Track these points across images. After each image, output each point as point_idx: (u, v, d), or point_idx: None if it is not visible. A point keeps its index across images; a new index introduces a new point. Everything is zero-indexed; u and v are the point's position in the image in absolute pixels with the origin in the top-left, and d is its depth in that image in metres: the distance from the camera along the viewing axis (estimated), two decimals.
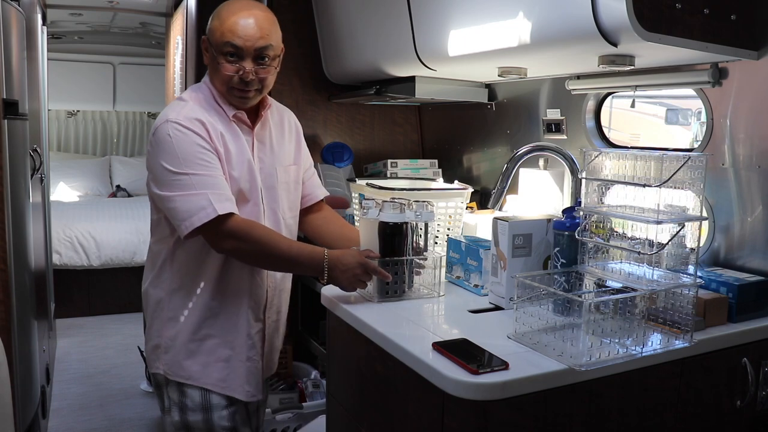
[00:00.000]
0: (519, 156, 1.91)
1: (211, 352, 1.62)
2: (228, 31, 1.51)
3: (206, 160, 1.49)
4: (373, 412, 1.48)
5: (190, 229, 1.46)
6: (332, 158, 2.74)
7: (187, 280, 1.61)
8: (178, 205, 1.47)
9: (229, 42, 1.51)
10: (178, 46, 3.54)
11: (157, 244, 1.65)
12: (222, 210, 1.46)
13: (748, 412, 1.48)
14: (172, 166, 1.47)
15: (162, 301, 1.64)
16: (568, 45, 1.57)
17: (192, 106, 1.55)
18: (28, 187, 2.42)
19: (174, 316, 1.63)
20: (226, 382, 1.63)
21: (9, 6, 2.07)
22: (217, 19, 1.54)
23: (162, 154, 1.49)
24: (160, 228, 1.64)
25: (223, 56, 1.52)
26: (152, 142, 1.52)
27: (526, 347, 1.29)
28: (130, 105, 6.52)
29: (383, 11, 2.21)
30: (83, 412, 3.24)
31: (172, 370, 1.63)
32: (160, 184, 1.50)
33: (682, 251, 1.37)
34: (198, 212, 1.45)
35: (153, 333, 1.67)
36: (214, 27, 1.54)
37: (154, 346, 1.67)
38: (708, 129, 1.74)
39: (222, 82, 1.55)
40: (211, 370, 1.62)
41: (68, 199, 5.67)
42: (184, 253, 1.61)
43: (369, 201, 1.63)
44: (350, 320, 1.55)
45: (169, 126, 1.49)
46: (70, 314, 4.71)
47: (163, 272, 1.64)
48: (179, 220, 1.48)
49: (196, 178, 1.47)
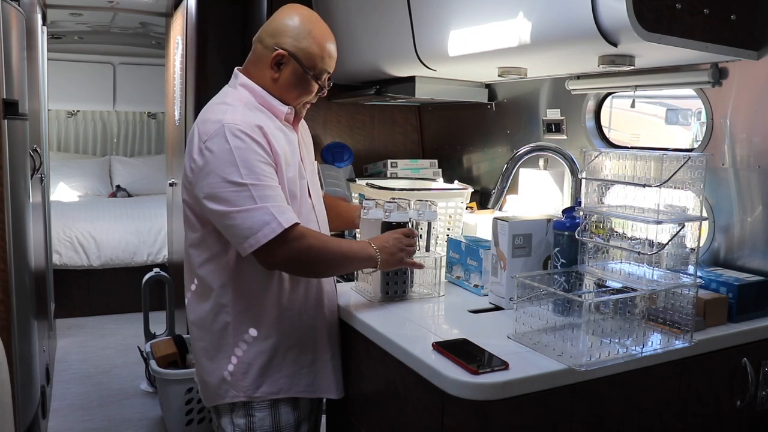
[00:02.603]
0: (519, 156, 1.91)
1: (296, 360, 1.55)
2: (328, 58, 1.54)
3: (266, 171, 1.41)
4: (373, 412, 1.48)
5: (255, 247, 1.37)
6: (332, 158, 2.74)
7: (258, 297, 1.51)
8: (239, 222, 1.37)
9: (327, 69, 1.55)
10: (178, 46, 3.54)
11: (210, 263, 1.51)
12: (287, 223, 1.38)
13: (748, 412, 1.48)
14: (230, 177, 1.37)
15: (230, 326, 1.51)
16: (568, 45, 1.57)
17: (243, 110, 1.47)
18: (28, 187, 2.42)
19: (248, 339, 1.51)
20: (314, 386, 1.57)
21: (9, 6, 2.07)
22: (310, 39, 1.51)
23: (218, 163, 1.39)
24: (205, 246, 1.51)
25: (315, 79, 1.54)
26: (203, 151, 1.41)
27: (526, 347, 1.29)
28: (130, 105, 6.51)
29: (383, 11, 2.21)
30: (83, 412, 3.24)
31: (260, 391, 1.52)
32: (215, 199, 1.39)
33: (682, 251, 1.37)
34: (262, 228, 1.36)
35: (222, 363, 1.53)
36: (311, 50, 1.51)
37: (223, 377, 1.52)
38: (708, 129, 1.74)
39: (298, 96, 1.55)
40: (298, 378, 1.55)
41: (68, 199, 5.67)
42: (250, 269, 1.48)
43: (369, 201, 1.64)
44: (350, 320, 1.55)
45: (227, 133, 1.39)
46: (70, 314, 4.71)
47: (224, 295, 1.51)
48: (242, 238, 1.38)
49: (257, 190, 1.38)
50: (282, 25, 1.52)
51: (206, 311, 1.53)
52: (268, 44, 1.52)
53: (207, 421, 2.81)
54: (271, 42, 1.51)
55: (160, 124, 6.74)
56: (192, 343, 1.61)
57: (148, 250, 4.85)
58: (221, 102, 1.51)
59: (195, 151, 1.43)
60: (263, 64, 1.52)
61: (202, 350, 1.56)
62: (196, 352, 1.59)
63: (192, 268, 1.56)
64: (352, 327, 1.54)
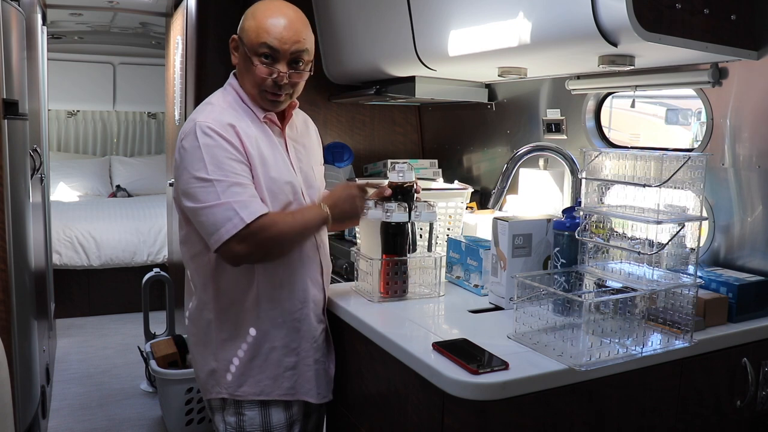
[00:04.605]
0: (519, 156, 1.91)
1: (279, 363, 1.55)
2: (264, 32, 1.45)
3: (234, 168, 1.41)
4: (373, 412, 1.48)
5: (219, 243, 1.38)
6: (332, 158, 2.75)
7: (239, 296, 1.52)
8: (204, 219, 1.40)
9: (264, 42, 1.45)
10: (178, 46, 3.54)
11: (194, 261, 1.55)
12: (249, 217, 1.38)
13: (748, 412, 1.48)
14: (198, 173, 1.39)
15: (212, 323, 1.54)
16: (568, 45, 1.57)
17: (221, 109, 1.48)
18: (28, 187, 2.42)
19: (230, 336, 1.54)
20: (295, 389, 1.57)
21: (9, 6, 2.07)
22: (251, 18, 1.48)
23: (189, 160, 1.41)
24: (190, 243, 1.54)
25: (257, 57, 1.46)
26: (179, 149, 1.44)
27: (526, 347, 1.29)
28: (130, 105, 6.52)
29: (383, 11, 2.21)
30: (83, 412, 3.24)
31: (241, 390, 1.54)
32: (186, 195, 1.42)
33: (682, 251, 1.37)
34: (225, 224, 1.37)
35: (208, 358, 1.56)
36: (248, 26, 1.47)
37: (210, 371, 1.56)
38: (708, 129, 1.74)
39: (253, 84, 1.49)
40: (281, 381, 1.55)
41: (68, 199, 5.67)
42: (229, 266, 1.49)
43: (369, 201, 1.63)
44: (350, 320, 1.55)
45: (197, 129, 1.41)
46: (70, 314, 4.72)
47: (207, 291, 1.54)
48: (208, 235, 1.40)
49: (222, 186, 1.39)
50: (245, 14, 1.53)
51: (194, 307, 1.59)
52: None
53: (207, 421, 2.81)
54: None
55: (160, 124, 6.74)
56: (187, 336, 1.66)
57: (148, 250, 4.86)
58: (207, 102, 1.54)
59: (176, 150, 1.47)
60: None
61: (193, 344, 1.62)
62: (189, 345, 1.65)
63: (185, 265, 1.61)
64: (352, 327, 1.53)
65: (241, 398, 1.55)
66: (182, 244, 1.58)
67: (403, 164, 1.62)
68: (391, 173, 1.62)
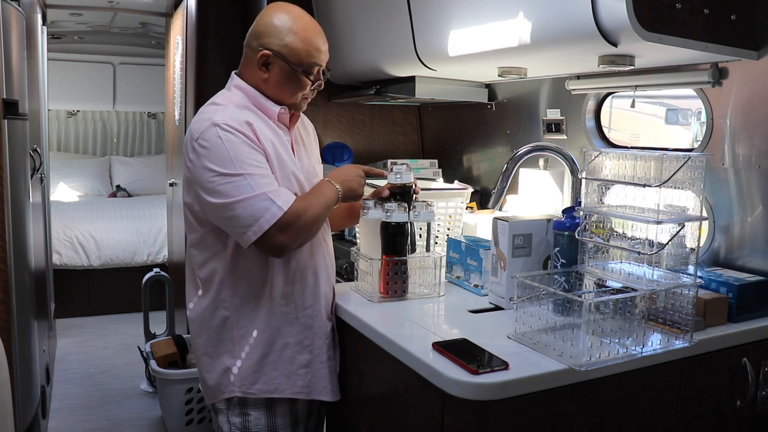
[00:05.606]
0: (519, 156, 1.91)
1: (292, 360, 1.56)
2: (315, 51, 1.53)
3: (258, 160, 1.44)
4: (373, 412, 1.48)
5: (259, 234, 1.39)
6: (332, 158, 2.75)
7: (254, 291, 1.53)
8: (239, 212, 1.40)
9: (316, 62, 1.54)
10: (178, 46, 3.54)
11: (210, 263, 1.55)
12: (285, 205, 1.41)
13: (748, 412, 1.48)
14: (224, 169, 1.41)
15: (229, 320, 1.54)
16: (568, 45, 1.57)
17: (233, 109, 1.50)
18: (28, 187, 2.42)
19: (245, 333, 1.54)
20: (310, 387, 1.58)
21: (9, 6, 2.07)
22: (291, 35, 1.51)
23: (211, 157, 1.42)
24: (206, 245, 1.54)
25: (305, 74, 1.54)
26: (196, 148, 1.44)
27: (526, 347, 1.29)
28: (130, 105, 6.52)
29: (383, 11, 2.21)
30: (83, 412, 3.24)
31: (255, 387, 1.54)
32: (211, 192, 1.42)
33: (682, 251, 1.37)
34: (264, 213, 1.39)
35: (222, 357, 1.55)
36: (294, 45, 1.51)
37: (224, 370, 1.55)
38: (708, 129, 1.74)
39: (292, 93, 1.55)
40: (295, 378, 1.56)
41: (68, 199, 5.67)
42: (247, 263, 1.52)
43: (369, 201, 1.64)
44: (350, 320, 1.55)
45: (217, 129, 1.43)
46: (70, 314, 4.72)
47: (223, 290, 1.54)
48: (245, 227, 1.40)
49: (252, 179, 1.41)
50: (264, 25, 1.53)
51: (205, 308, 1.57)
52: (254, 46, 1.53)
53: (207, 421, 2.81)
54: (256, 44, 1.53)
55: (160, 124, 6.74)
56: (192, 342, 1.63)
57: (148, 250, 4.86)
58: (212, 103, 1.55)
59: (189, 150, 1.47)
60: (253, 66, 1.54)
61: (201, 347, 1.59)
62: (196, 350, 1.61)
63: (192, 267, 1.59)
64: (352, 327, 1.54)
65: (255, 395, 1.55)
66: (194, 247, 1.57)
67: (401, 165, 1.63)
68: (389, 174, 1.63)
